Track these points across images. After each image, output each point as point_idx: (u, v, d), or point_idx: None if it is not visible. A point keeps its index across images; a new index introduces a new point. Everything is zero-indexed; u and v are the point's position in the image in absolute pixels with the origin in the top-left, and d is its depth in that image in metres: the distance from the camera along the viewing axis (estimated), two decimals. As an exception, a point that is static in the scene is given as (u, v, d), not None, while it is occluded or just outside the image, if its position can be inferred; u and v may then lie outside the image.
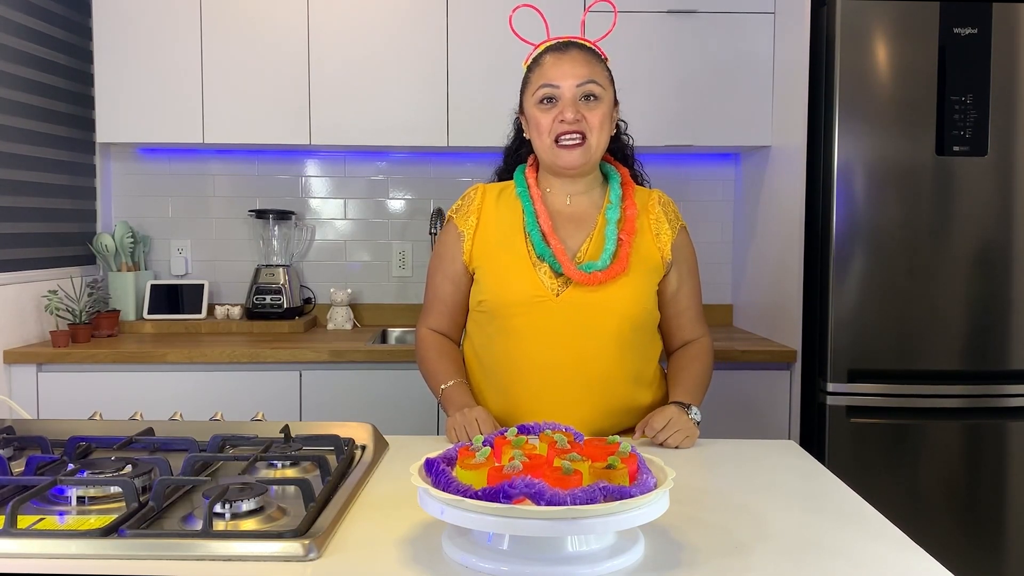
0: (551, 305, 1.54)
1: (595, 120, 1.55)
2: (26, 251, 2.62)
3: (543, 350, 1.55)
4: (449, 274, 1.66)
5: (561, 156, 1.56)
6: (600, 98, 1.56)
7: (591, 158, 1.58)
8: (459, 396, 1.58)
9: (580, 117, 1.54)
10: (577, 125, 1.54)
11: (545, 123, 1.56)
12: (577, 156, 1.56)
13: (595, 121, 1.55)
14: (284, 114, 2.75)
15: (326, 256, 3.15)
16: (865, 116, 2.39)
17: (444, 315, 1.69)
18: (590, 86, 1.55)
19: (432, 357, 1.66)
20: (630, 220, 1.60)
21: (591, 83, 1.55)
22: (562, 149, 1.55)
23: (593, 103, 1.55)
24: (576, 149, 1.55)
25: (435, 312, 1.70)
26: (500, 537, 0.96)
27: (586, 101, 1.55)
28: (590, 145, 1.56)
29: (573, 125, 1.54)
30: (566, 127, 1.54)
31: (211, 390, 2.50)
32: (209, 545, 0.96)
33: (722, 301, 3.16)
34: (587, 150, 1.56)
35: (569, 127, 1.54)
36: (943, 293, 2.40)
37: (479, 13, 2.73)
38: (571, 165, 1.57)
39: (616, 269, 1.55)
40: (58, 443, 1.34)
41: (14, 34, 2.56)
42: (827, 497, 1.23)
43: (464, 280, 1.66)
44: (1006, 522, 2.43)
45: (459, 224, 1.65)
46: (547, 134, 1.56)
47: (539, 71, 1.58)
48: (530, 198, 1.61)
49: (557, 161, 1.57)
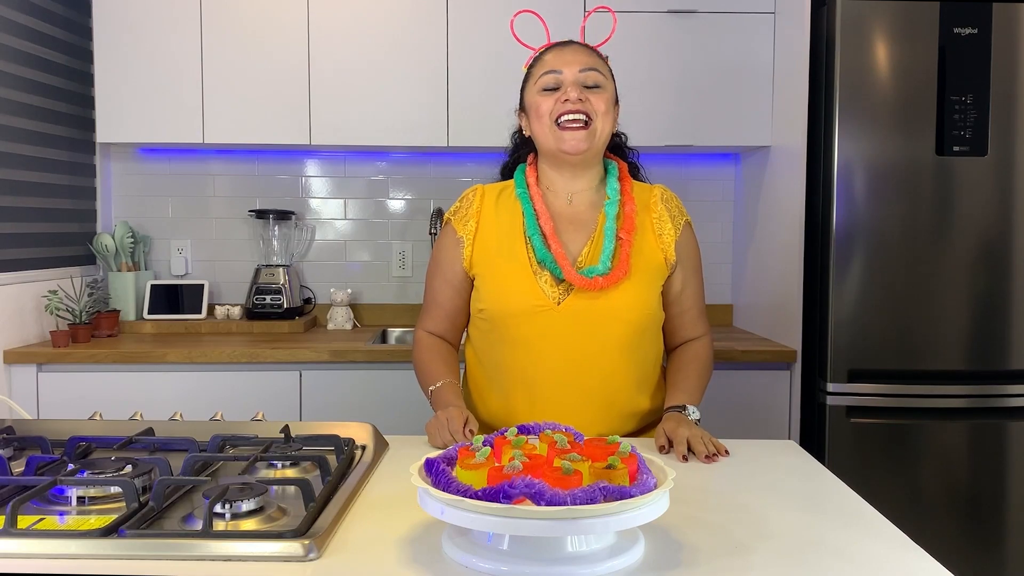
0: (552, 314, 1.53)
1: (600, 105, 1.52)
2: (26, 251, 2.62)
3: (545, 358, 1.54)
4: (448, 278, 1.64)
5: (564, 139, 1.52)
6: (603, 86, 1.54)
7: (595, 143, 1.54)
8: (445, 396, 1.55)
9: (584, 98, 1.51)
10: (581, 106, 1.50)
11: (547, 107, 1.53)
12: (581, 138, 1.51)
13: (600, 106, 1.52)
14: (284, 114, 2.75)
15: (326, 256, 3.15)
16: (865, 116, 2.39)
17: (442, 319, 1.67)
18: (593, 73, 1.53)
19: (425, 359, 1.65)
20: (629, 217, 1.57)
21: (593, 70, 1.53)
22: (564, 131, 1.51)
23: (596, 90, 1.53)
24: (580, 131, 1.51)
25: (433, 315, 1.68)
26: (500, 537, 0.96)
27: (589, 89, 1.53)
28: (595, 129, 1.52)
29: (576, 105, 1.50)
30: (569, 106, 1.50)
31: (211, 390, 2.50)
32: (209, 545, 0.96)
33: (722, 301, 3.16)
34: (592, 134, 1.52)
35: (572, 106, 1.50)
36: (943, 293, 2.40)
37: (479, 13, 2.73)
38: (574, 149, 1.52)
39: (618, 274, 1.52)
40: (58, 443, 1.34)
41: (14, 34, 2.56)
42: (827, 497, 1.23)
43: (464, 285, 1.64)
44: (1006, 522, 2.43)
45: (458, 229, 1.62)
46: (548, 116, 1.52)
47: (540, 63, 1.57)
48: (530, 199, 1.59)
49: (560, 145, 1.52)
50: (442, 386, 1.57)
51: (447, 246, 1.64)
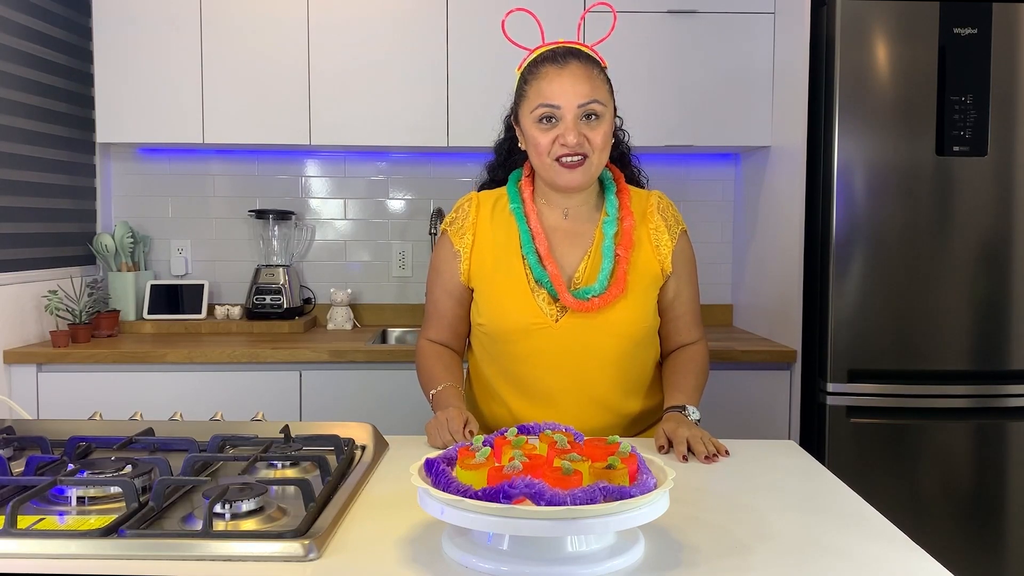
0: (550, 332, 1.53)
1: (597, 140, 1.50)
2: (26, 251, 2.62)
3: (543, 374, 1.55)
4: (448, 289, 1.64)
5: (562, 175, 1.51)
6: (601, 116, 1.51)
7: (592, 177, 1.54)
8: (446, 399, 1.56)
9: (582, 140, 1.49)
10: (579, 148, 1.49)
11: (544, 143, 1.50)
12: (578, 176, 1.51)
13: (597, 141, 1.50)
14: (284, 114, 2.75)
15: (326, 256, 3.15)
16: (865, 116, 2.39)
17: (443, 328, 1.67)
18: (592, 105, 1.49)
19: (427, 365, 1.64)
20: (627, 234, 1.56)
21: (593, 103, 1.49)
22: (563, 168, 1.51)
23: (595, 122, 1.50)
24: (577, 169, 1.50)
25: (435, 325, 1.68)
26: (500, 537, 0.96)
27: (587, 120, 1.50)
28: (591, 163, 1.51)
29: (574, 149, 1.49)
30: (567, 150, 1.49)
31: (211, 390, 2.50)
32: (209, 545, 0.96)
33: (722, 301, 3.16)
34: (588, 168, 1.51)
35: (570, 150, 1.49)
36: (943, 293, 2.40)
37: (479, 13, 2.73)
38: (572, 185, 1.53)
39: (614, 292, 1.52)
40: (58, 443, 1.34)
41: (14, 34, 2.56)
42: (827, 497, 1.23)
43: (463, 295, 1.64)
44: (1006, 522, 2.43)
45: (455, 241, 1.62)
46: (547, 155, 1.51)
47: (536, 86, 1.51)
48: (524, 215, 1.58)
49: (557, 180, 1.53)
50: (443, 389, 1.58)
51: (445, 258, 1.64)
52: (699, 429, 1.47)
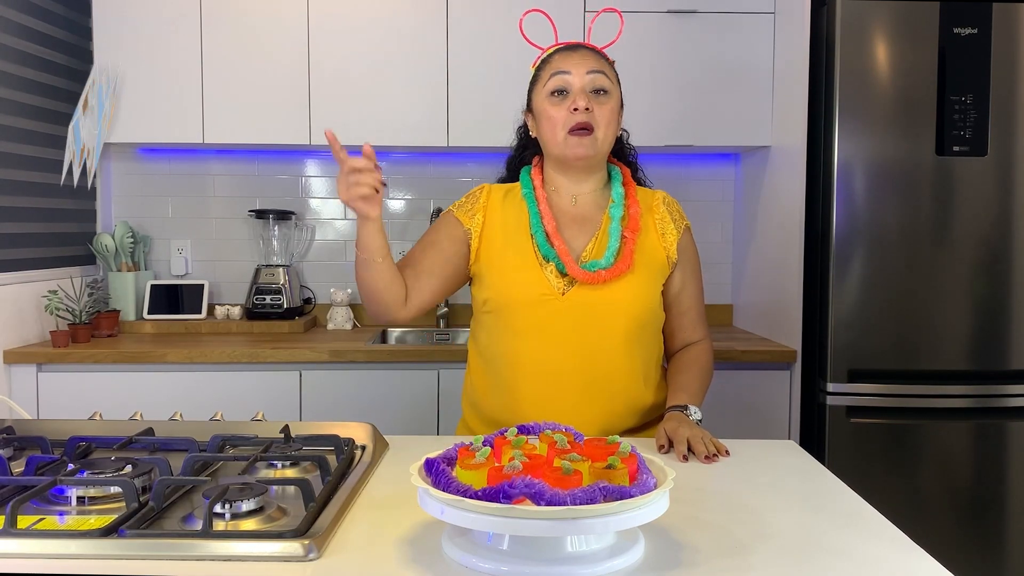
0: (557, 304, 1.55)
1: (603, 115, 1.56)
2: (26, 251, 2.62)
3: (549, 349, 1.55)
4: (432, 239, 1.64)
5: (572, 146, 1.56)
6: (609, 93, 1.57)
7: (598, 150, 1.58)
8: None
9: (591, 108, 1.54)
10: (586, 116, 1.54)
11: (559, 117, 1.56)
12: (587, 145, 1.56)
13: (603, 116, 1.56)
14: (284, 114, 2.75)
15: (326, 256, 3.15)
16: (865, 116, 2.39)
17: (405, 266, 1.62)
18: (600, 78, 1.56)
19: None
20: (634, 217, 1.61)
21: (601, 74, 1.56)
22: (573, 137, 1.56)
23: (603, 97, 1.56)
24: (586, 138, 1.56)
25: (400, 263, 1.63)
26: (500, 537, 0.96)
27: (596, 95, 1.56)
28: (596, 138, 1.56)
29: (583, 115, 1.54)
30: (577, 116, 1.54)
31: (211, 390, 2.50)
32: (209, 545, 0.96)
33: (722, 301, 3.16)
34: (594, 142, 1.56)
35: (580, 119, 1.54)
36: (943, 293, 2.40)
37: (479, 13, 2.73)
38: (580, 155, 1.57)
39: (621, 267, 1.55)
40: (58, 443, 1.34)
41: (14, 34, 2.56)
42: (827, 497, 1.23)
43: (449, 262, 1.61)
44: (1006, 522, 2.43)
45: (464, 220, 1.64)
46: (561, 127, 1.56)
47: (549, 66, 1.60)
48: (535, 199, 1.62)
49: (567, 152, 1.57)
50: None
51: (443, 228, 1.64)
52: (700, 429, 1.47)
